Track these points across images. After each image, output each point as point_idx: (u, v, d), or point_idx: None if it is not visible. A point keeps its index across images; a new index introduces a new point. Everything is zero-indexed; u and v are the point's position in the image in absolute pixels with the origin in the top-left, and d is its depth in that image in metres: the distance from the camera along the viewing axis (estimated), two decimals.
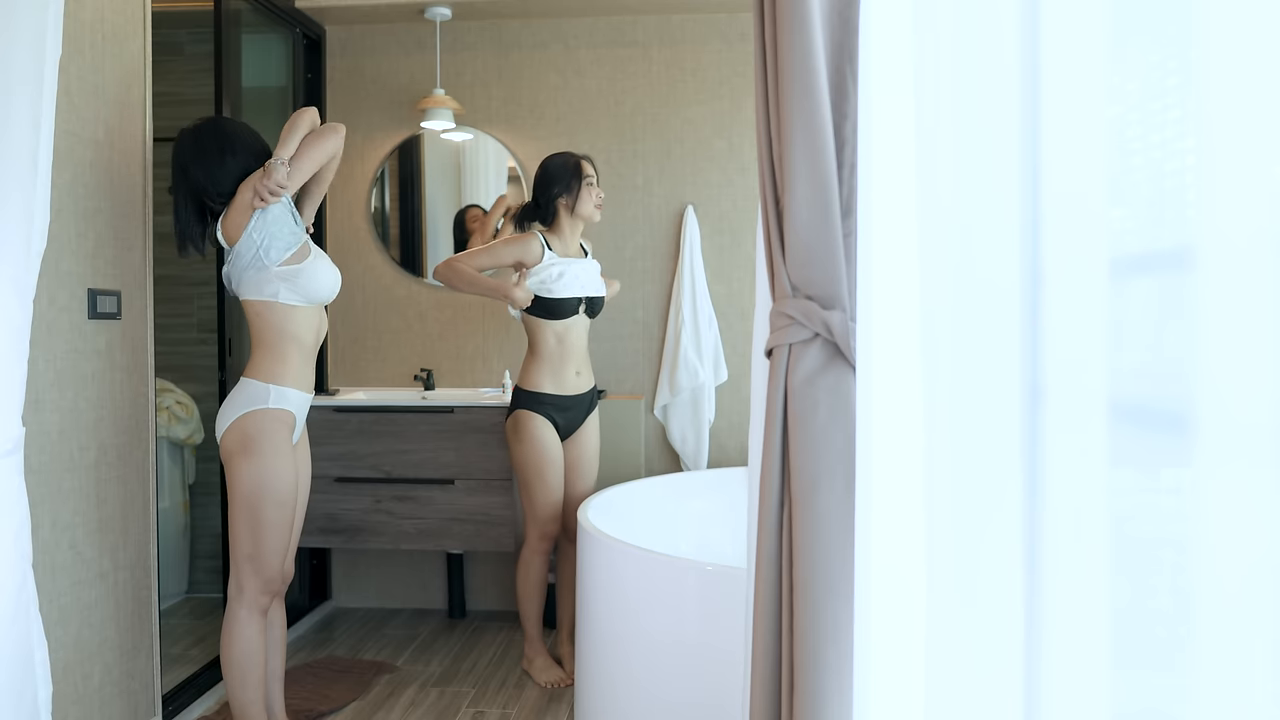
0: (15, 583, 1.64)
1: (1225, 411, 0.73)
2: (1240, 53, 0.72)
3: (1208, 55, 0.75)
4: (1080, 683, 0.87)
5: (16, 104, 1.60)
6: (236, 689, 2.21)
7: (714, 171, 3.60)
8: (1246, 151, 0.72)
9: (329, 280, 2.26)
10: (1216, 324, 0.74)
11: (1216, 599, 0.74)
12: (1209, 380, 0.74)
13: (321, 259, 2.26)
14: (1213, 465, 0.74)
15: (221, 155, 2.20)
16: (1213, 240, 0.75)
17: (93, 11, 2.22)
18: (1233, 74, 0.73)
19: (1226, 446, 0.73)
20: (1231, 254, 0.73)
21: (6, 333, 1.61)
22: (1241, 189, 0.72)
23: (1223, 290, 0.74)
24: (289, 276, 2.18)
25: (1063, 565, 0.88)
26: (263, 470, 2.15)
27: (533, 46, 3.65)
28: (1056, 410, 0.89)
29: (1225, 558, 0.73)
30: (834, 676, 1.09)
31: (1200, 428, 0.76)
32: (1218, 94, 0.74)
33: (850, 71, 1.16)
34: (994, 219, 0.93)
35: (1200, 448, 0.76)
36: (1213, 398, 0.74)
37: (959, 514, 0.95)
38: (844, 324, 1.16)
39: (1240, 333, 0.72)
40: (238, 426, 2.17)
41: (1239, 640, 0.72)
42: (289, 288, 2.18)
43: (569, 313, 2.88)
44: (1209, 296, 0.75)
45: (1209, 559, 0.74)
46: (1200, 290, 0.77)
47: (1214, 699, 0.75)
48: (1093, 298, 0.85)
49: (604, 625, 2.25)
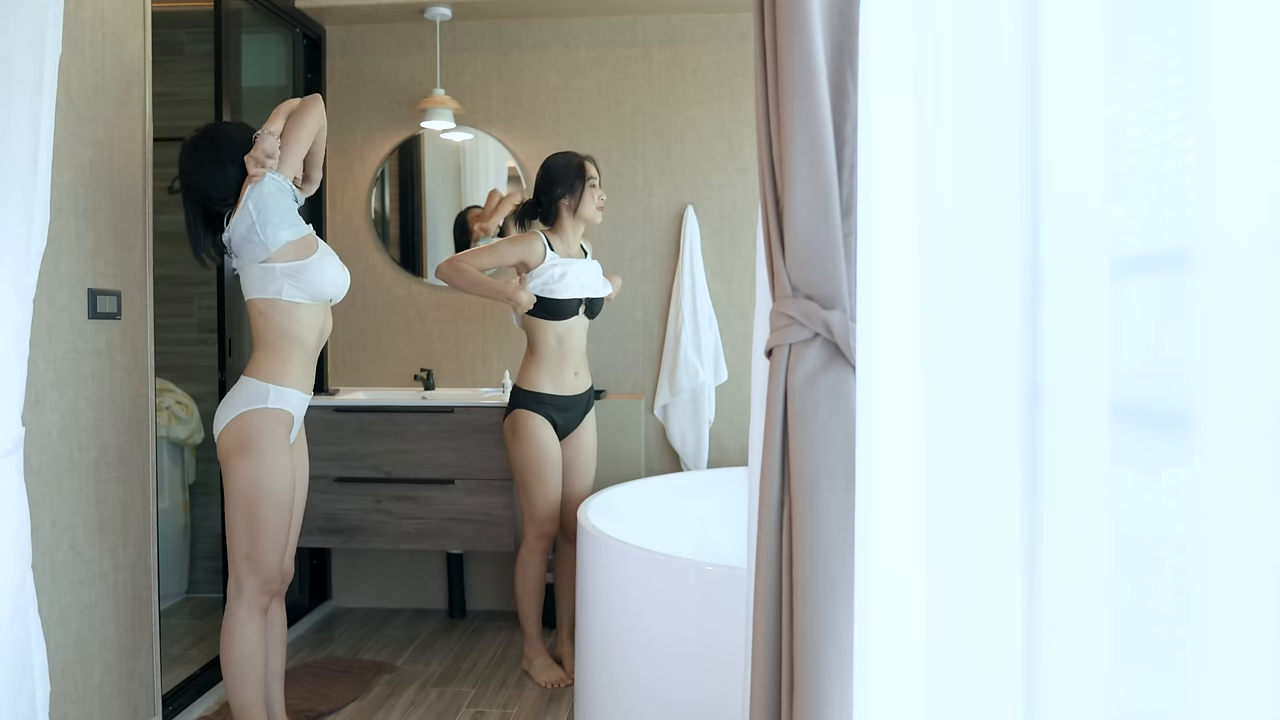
0: (14, 583, 1.64)
1: (1225, 411, 0.73)
2: (1240, 52, 0.72)
3: (1208, 55, 0.75)
4: (1079, 682, 0.87)
5: (16, 103, 1.60)
6: (236, 689, 2.21)
7: (714, 171, 3.60)
8: (1247, 151, 0.72)
9: (335, 278, 2.26)
10: (1217, 324, 0.74)
11: (1217, 599, 0.74)
12: (1209, 380, 0.74)
13: (329, 257, 2.26)
14: (1213, 465, 0.74)
15: (221, 163, 2.20)
16: (1213, 240, 0.75)
17: (93, 11, 2.22)
18: (1233, 73, 0.73)
19: (1227, 446, 0.73)
20: (1232, 254, 0.73)
21: (6, 333, 1.61)
22: (1242, 189, 0.72)
23: (1223, 290, 0.74)
24: (293, 273, 2.18)
25: (1062, 565, 0.88)
26: (260, 470, 2.15)
27: (533, 46, 3.65)
28: (1056, 410, 0.89)
29: (1226, 558, 0.73)
30: (834, 676, 1.09)
31: (1200, 427, 0.76)
32: (1218, 93, 0.74)
33: (850, 71, 1.16)
34: (993, 219, 0.93)
35: (1200, 447, 0.76)
36: (1213, 397, 0.74)
37: (959, 514, 0.95)
38: (844, 324, 1.16)
39: (1241, 332, 0.72)
40: (235, 426, 2.17)
41: (1240, 640, 0.72)
42: (293, 284, 2.18)
43: (570, 313, 2.89)
44: (1209, 296, 0.75)
45: (1210, 559, 0.74)
46: (1201, 290, 0.77)
47: (1215, 700, 0.75)
48: (1093, 297, 0.85)
49: (604, 625, 2.25)
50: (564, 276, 2.85)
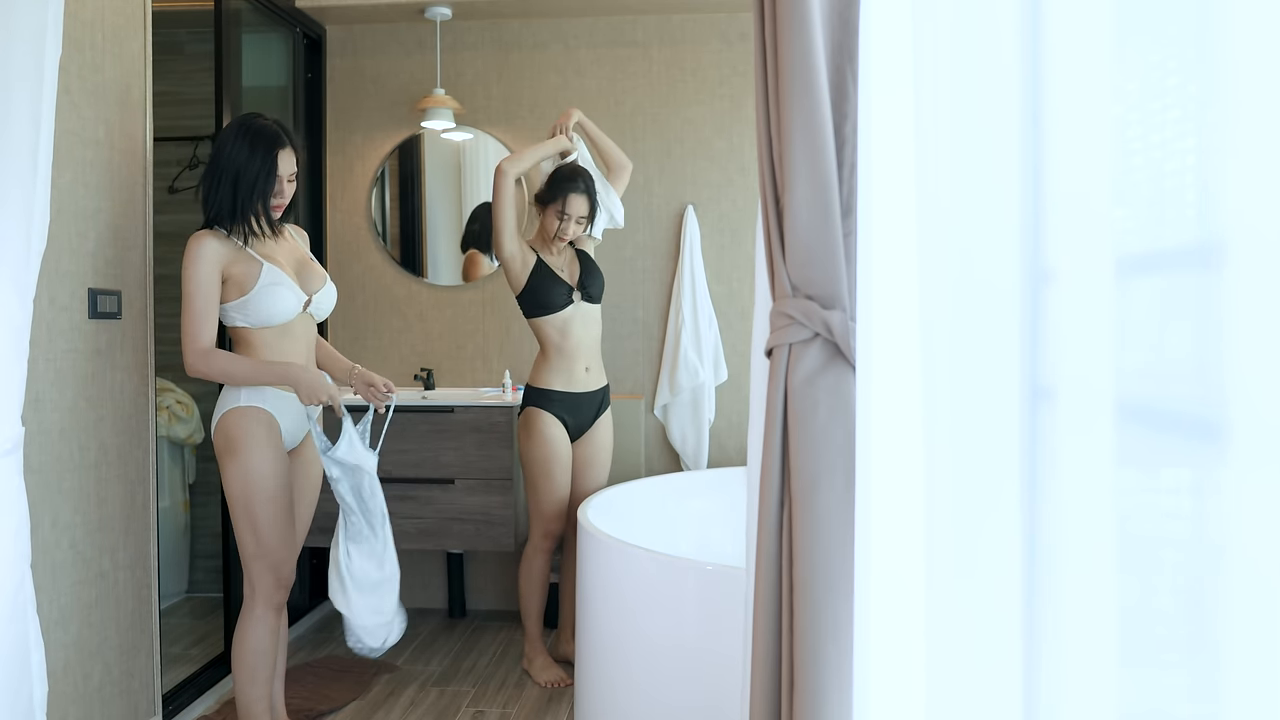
0: (13, 583, 1.64)
1: (1228, 411, 0.73)
2: (1241, 52, 0.72)
3: (1209, 54, 0.75)
4: (1081, 682, 0.87)
5: (16, 103, 1.60)
6: (245, 685, 2.22)
7: (714, 171, 3.60)
8: (1248, 150, 0.72)
9: (285, 304, 2.19)
10: (1218, 323, 0.74)
11: (1223, 600, 0.74)
12: (1213, 380, 0.74)
13: (273, 286, 2.17)
14: (1214, 465, 0.74)
15: (234, 188, 2.16)
16: (1213, 240, 0.75)
17: (93, 10, 2.22)
18: (1237, 72, 0.73)
19: (1231, 446, 0.73)
20: (1233, 254, 0.73)
21: (6, 332, 1.61)
22: (1243, 188, 0.72)
23: (1223, 289, 0.74)
24: (240, 307, 2.17)
25: (1063, 564, 0.88)
26: (246, 468, 2.14)
27: (533, 46, 3.65)
28: (1057, 409, 0.89)
29: (1232, 558, 0.73)
30: (834, 676, 1.09)
31: (1204, 428, 0.76)
32: (1220, 93, 0.74)
33: (850, 71, 1.16)
34: (994, 218, 0.93)
35: (1201, 447, 0.76)
36: (1217, 398, 0.74)
37: (958, 513, 0.95)
38: (844, 323, 1.16)
39: (1241, 332, 0.72)
40: (220, 429, 2.18)
41: (1243, 641, 0.72)
42: (242, 316, 2.18)
43: (560, 303, 2.88)
44: (1209, 296, 0.75)
45: (1213, 559, 0.74)
46: (1200, 289, 0.77)
47: (1215, 700, 0.75)
48: (1097, 297, 0.85)
49: (604, 625, 2.25)
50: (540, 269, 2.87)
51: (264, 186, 2.16)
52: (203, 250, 2.12)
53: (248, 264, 2.16)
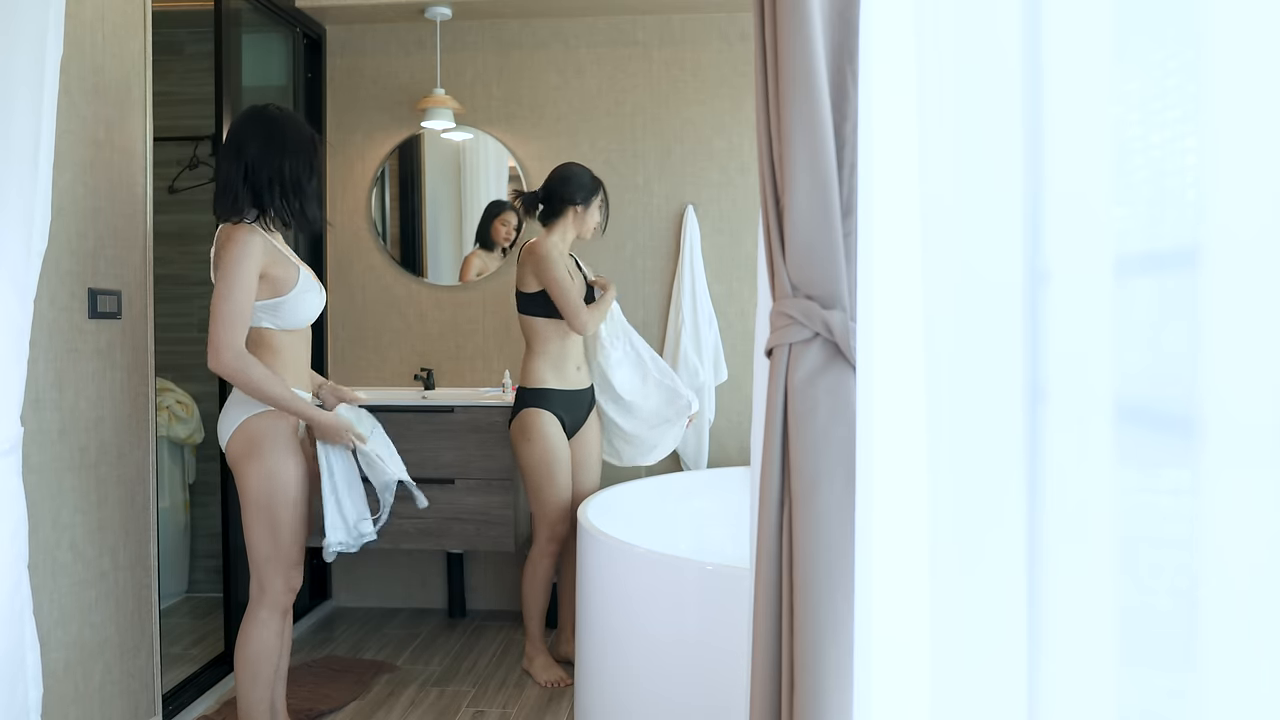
0: (10, 584, 1.64)
1: (1229, 412, 0.73)
2: (1242, 52, 0.72)
3: (1209, 54, 0.75)
4: (1084, 682, 0.87)
5: (18, 104, 1.60)
6: (248, 686, 2.22)
7: (714, 171, 3.60)
8: (1248, 150, 0.72)
9: (313, 308, 2.23)
10: (1219, 324, 0.74)
11: (1223, 600, 0.74)
12: (1211, 380, 0.74)
13: (306, 292, 2.19)
14: (1217, 465, 0.74)
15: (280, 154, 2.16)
16: (1214, 240, 0.75)
17: (93, 11, 2.22)
18: (1234, 73, 0.73)
19: (1231, 446, 0.73)
20: (1234, 254, 0.73)
21: (6, 333, 1.61)
22: (1243, 188, 0.72)
23: (1224, 290, 0.74)
24: (271, 309, 2.16)
25: (1066, 565, 0.88)
26: (272, 473, 2.14)
27: (533, 46, 3.65)
28: (1059, 409, 0.89)
29: (1232, 558, 0.73)
30: (835, 676, 1.09)
31: (1204, 428, 0.76)
32: (1219, 93, 0.74)
33: (850, 71, 1.16)
34: (995, 218, 0.93)
35: (1204, 448, 0.76)
36: (1215, 398, 0.74)
37: (960, 513, 0.95)
38: (844, 323, 1.16)
39: (1243, 333, 0.72)
40: (241, 431, 2.16)
41: (1243, 642, 0.72)
42: (271, 318, 2.17)
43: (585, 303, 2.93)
44: (1210, 297, 0.75)
45: (1215, 560, 0.74)
46: (1201, 290, 0.77)
47: (1216, 701, 0.75)
48: (1097, 297, 0.85)
49: (604, 625, 2.25)
50: None
51: (309, 177, 2.18)
52: (250, 247, 2.08)
53: (285, 267, 2.15)
